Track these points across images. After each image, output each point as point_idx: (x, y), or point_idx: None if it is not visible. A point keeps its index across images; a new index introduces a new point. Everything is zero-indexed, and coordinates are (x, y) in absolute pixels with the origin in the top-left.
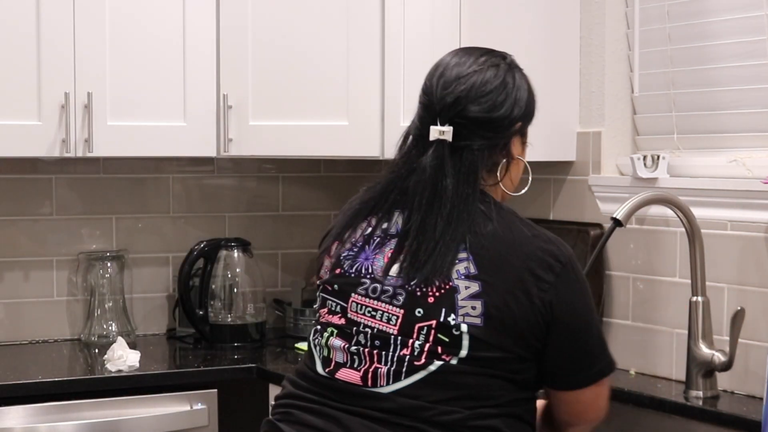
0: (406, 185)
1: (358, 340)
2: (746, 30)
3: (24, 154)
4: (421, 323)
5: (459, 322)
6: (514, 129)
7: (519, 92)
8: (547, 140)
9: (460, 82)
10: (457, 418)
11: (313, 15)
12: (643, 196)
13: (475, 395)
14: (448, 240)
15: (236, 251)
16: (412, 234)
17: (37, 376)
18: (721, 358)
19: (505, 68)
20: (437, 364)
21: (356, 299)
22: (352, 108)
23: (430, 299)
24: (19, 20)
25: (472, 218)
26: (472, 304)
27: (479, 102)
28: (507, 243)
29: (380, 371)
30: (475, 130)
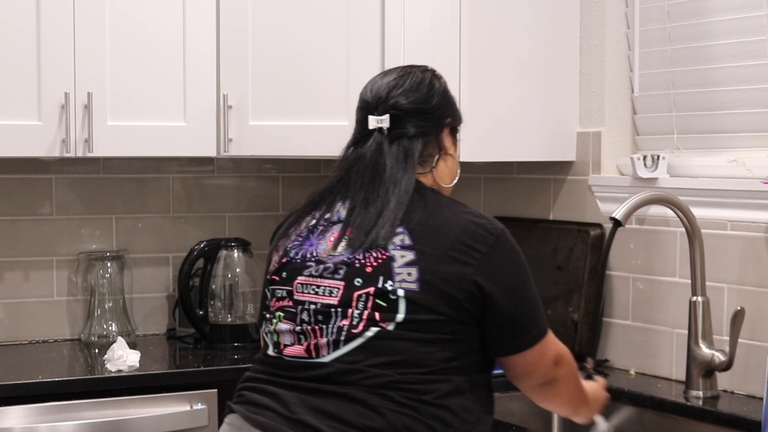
0: (349, 176)
1: (302, 319)
2: (746, 30)
3: (24, 154)
4: (359, 291)
5: (396, 287)
6: (445, 122)
7: (445, 93)
8: (547, 140)
9: (390, 84)
10: (386, 381)
11: (313, 15)
12: (642, 196)
13: (407, 361)
14: (387, 216)
15: (236, 251)
16: (354, 212)
17: (37, 376)
18: (721, 358)
19: (429, 74)
20: (374, 330)
21: (301, 281)
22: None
23: (369, 269)
24: (19, 20)
25: (409, 198)
26: (408, 270)
27: (409, 96)
28: (441, 218)
29: (321, 342)
30: (409, 119)
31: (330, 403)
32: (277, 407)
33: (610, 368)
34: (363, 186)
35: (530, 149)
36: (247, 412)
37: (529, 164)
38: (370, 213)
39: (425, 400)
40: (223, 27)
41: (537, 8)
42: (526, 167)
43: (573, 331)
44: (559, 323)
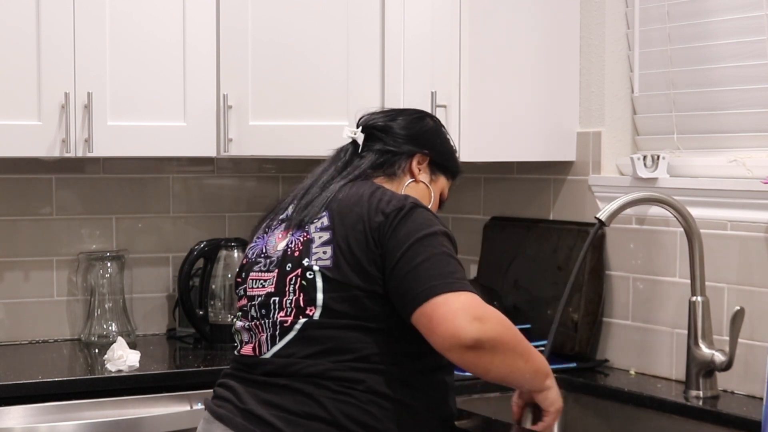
0: (308, 176)
1: (252, 315)
2: (746, 30)
3: (24, 154)
4: (290, 275)
5: (312, 264)
6: (420, 150)
7: (433, 131)
8: (547, 140)
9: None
10: (320, 369)
11: (313, 15)
12: (629, 196)
13: (336, 348)
14: (316, 202)
15: (236, 251)
16: (296, 204)
17: (37, 376)
18: (721, 358)
19: (428, 117)
20: (302, 322)
21: (252, 276)
22: (352, 108)
23: (296, 253)
24: (19, 20)
25: (342, 186)
26: (324, 249)
27: (389, 121)
28: (357, 197)
29: (262, 339)
30: (380, 137)
31: (274, 394)
32: (233, 399)
33: (610, 368)
34: (312, 182)
35: (530, 149)
36: (213, 406)
37: (529, 164)
38: (308, 197)
39: (359, 388)
40: (223, 27)
41: (537, 8)
42: (526, 167)
43: (573, 331)
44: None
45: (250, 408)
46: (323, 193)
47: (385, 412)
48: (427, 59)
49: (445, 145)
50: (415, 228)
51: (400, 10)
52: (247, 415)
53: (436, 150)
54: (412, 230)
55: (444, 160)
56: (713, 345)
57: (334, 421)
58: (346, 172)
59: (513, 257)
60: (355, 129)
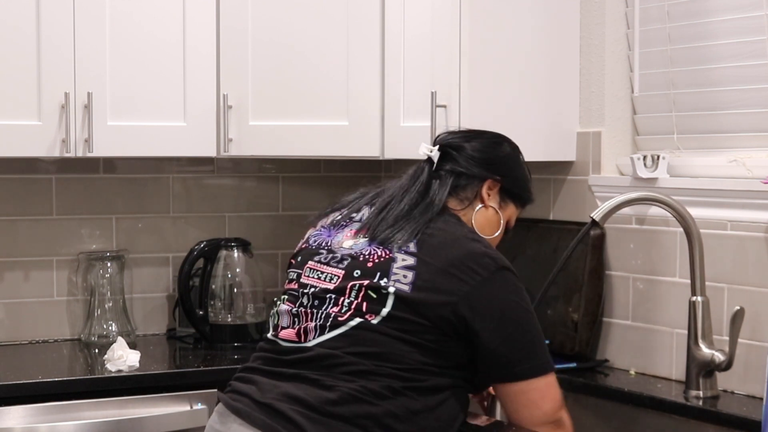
0: (385, 187)
1: (301, 302)
2: (746, 30)
3: (24, 154)
4: (355, 282)
5: (389, 285)
6: (492, 176)
7: (507, 157)
8: (547, 140)
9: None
10: (360, 369)
11: (313, 15)
12: (624, 196)
13: (384, 354)
14: (402, 224)
15: (236, 251)
16: (375, 215)
17: (37, 376)
18: (721, 357)
19: (506, 143)
20: (357, 321)
21: (311, 265)
22: (352, 108)
23: (369, 264)
24: (19, 20)
25: (428, 218)
26: (405, 273)
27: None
28: (451, 237)
29: (309, 327)
30: (454, 157)
31: (300, 388)
32: (253, 393)
33: (610, 368)
34: (392, 196)
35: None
36: (229, 400)
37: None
38: (389, 216)
39: (389, 394)
40: (223, 27)
41: (537, 8)
42: None
43: (573, 331)
44: (559, 323)
45: (268, 402)
46: (410, 219)
47: (410, 415)
48: (427, 59)
49: (518, 172)
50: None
51: (400, 10)
52: (266, 410)
53: (509, 176)
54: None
55: (516, 187)
56: (713, 345)
57: (355, 422)
58: (429, 199)
59: (513, 257)
60: (432, 147)
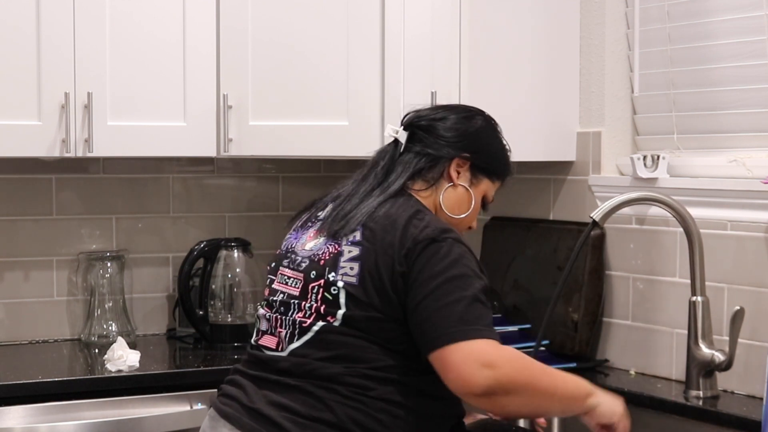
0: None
1: (273, 307)
2: (746, 30)
3: (24, 154)
4: (313, 283)
5: (337, 279)
6: (457, 153)
7: (478, 132)
8: (547, 140)
9: (432, 109)
10: (332, 373)
11: (313, 15)
12: (624, 196)
13: (351, 356)
14: (353, 214)
15: (236, 251)
16: (334, 209)
17: (37, 376)
18: (721, 357)
19: (479, 116)
20: (320, 325)
21: (282, 271)
22: (352, 108)
23: (322, 262)
24: (19, 20)
25: (377, 203)
26: (351, 265)
27: (434, 121)
28: (394, 218)
29: (282, 334)
30: (422, 137)
31: (284, 395)
32: (242, 398)
33: (610, 368)
34: (351, 186)
35: (530, 149)
36: (219, 404)
37: (529, 164)
38: (347, 207)
39: (371, 395)
40: (223, 27)
41: (537, 8)
42: (526, 167)
43: (573, 331)
44: (559, 323)
45: (257, 407)
46: (361, 207)
47: (394, 419)
48: (427, 59)
49: (492, 146)
50: (446, 266)
51: (400, 10)
52: (254, 415)
53: (481, 152)
54: (442, 267)
55: (487, 162)
56: (713, 345)
57: (342, 426)
58: (387, 183)
59: (513, 257)
60: (397, 128)
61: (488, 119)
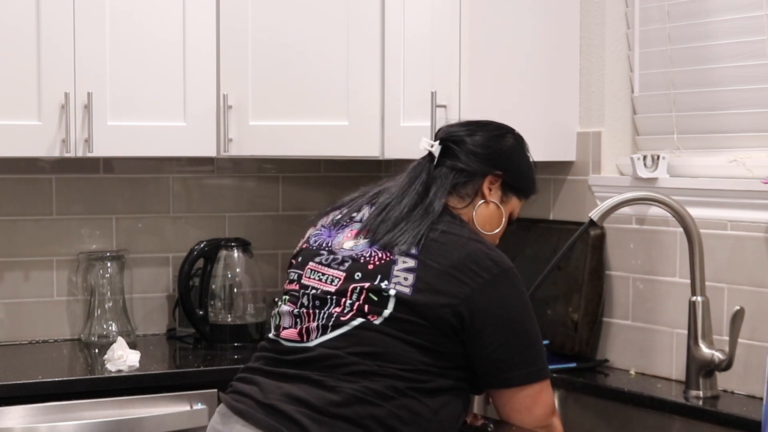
0: (385, 185)
1: (302, 303)
2: (746, 30)
3: (24, 154)
4: (356, 284)
5: (389, 287)
6: (492, 171)
7: (511, 150)
8: (547, 140)
9: (465, 125)
10: (362, 370)
11: (313, 15)
12: (622, 196)
13: (386, 354)
14: (403, 227)
15: (236, 251)
16: (375, 216)
17: (37, 376)
18: (721, 357)
19: (510, 135)
20: (360, 321)
21: (312, 266)
22: (352, 108)
23: (370, 266)
24: (19, 20)
25: (430, 221)
26: (405, 275)
27: (470, 137)
28: (453, 238)
29: (311, 326)
30: (455, 152)
31: (303, 388)
32: (256, 394)
33: (610, 368)
34: (391, 197)
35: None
36: (231, 401)
37: None
38: (389, 218)
39: (397, 394)
40: (223, 27)
41: (537, 8)
42: None
43: (573, 331)
44: (559, 323)
45: (272, 403)
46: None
47: (413, 416)
48: (427, 59)
49: (521, 165)
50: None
51: (400, 10)
52: (269, 411)
53: (511, 171)
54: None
55: (518, 181)
56: (713, 345)
57: (360, 422)
58: (428, 200)
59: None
60: (432, 141)
61: (518, 138)
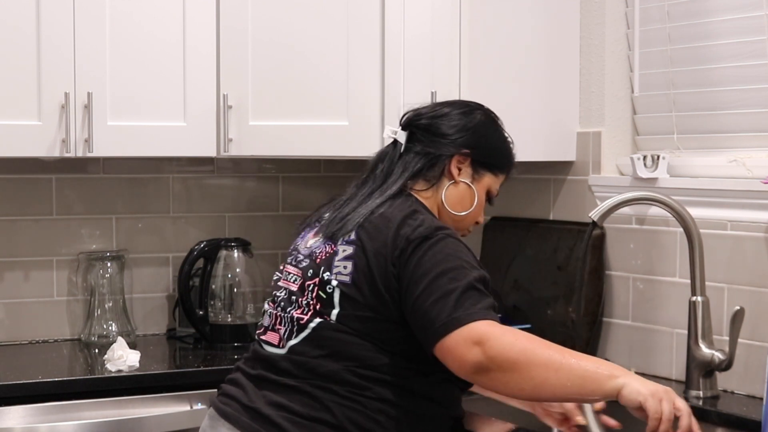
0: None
1: (277, 303)
2: (746, 30)
3: (24, 154)
4: (309, 281)
5: (331, 278)
6: (457, 150)
7: (478, 126)
8: (547, 140)
9: (430, 107)
10: (330, 370)
11: (313, 15)
12: (622, 195)
13: (345, 353)
14: (351, 218)
15: (236, 251)
16: (335, 209)
17: (37, 376)
18: (721, 357)
19: (479, 111)
20: (317, 322)
21: (286, 268)
22: (352, 108)
23: (318, 260)
24: (19, 20)
25: (376, 204)
26: (345, 264)
27: (433, 119)
28: (388, 218)
29: (281, 331)
30: (421, 137)
31: (283, 395)
32: (241, 398)
33: None
34: (354, 188)
35: (530, 149)
36: (219, 403)
37: (529, 164)
38: (345, 210)
39: (367, 395)
40: (223, 27)
41: (537, 8)
42: (526, 167)
43: (573, 331)
44: (558, 323)
45: (257, 407)
46: (359, 209)
47: (391, 421)
48: (427, 59)
49: (492, 140)
50: (438, 260)
51: (400, 10)
52: (253, 415)
53: (481, 147)
54: (435, 263)
55: (488, 157)
56: (713, 345)
57: (340, 426)
58: (386, 185)
59: (513, 257)
60: (396, 129)
61: (487, 112)
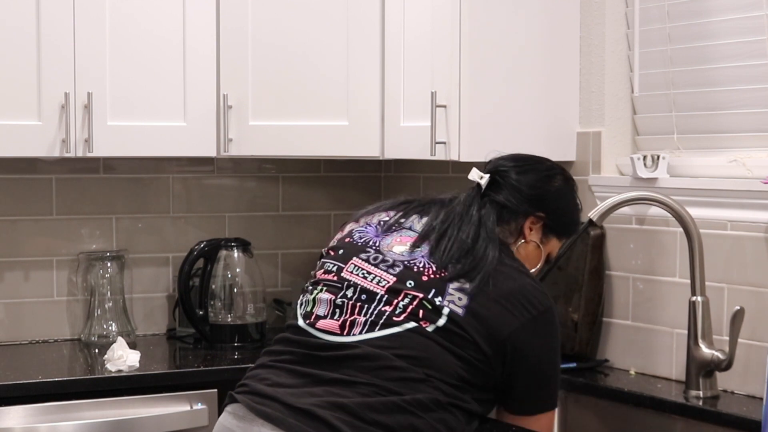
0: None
1: (345, 294)
2: (746, 30)
3: (24, 154)
4: (408, 291)
5: (444, 304)
6: (533, 211)
7: (558, 192)
8: (547, 140)
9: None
10: (409, 376)
11: (313, 15)
12: (621, 196)
13: (433, 362)
14: (472, 263)
15: (236, 251)
16: (435, 232)
17: (37, 376)
18: (721, 357)
19: (559, 175)
20: (413, 324)
21: (355, 262)
22: (352, 108)
23: (424, 278)
24: (19, 20)
25: (485, 244)
26: (460, 295)
27: (519, 174)
28: (507, 268)
29: (358, 320)
30: (502, 188)
31: (341, 392)
32: (284, 396)
33: (610, 368)
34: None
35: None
36: (252, 402)
37: None
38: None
39: (437, 407)
40: (223, 27)
41: (537, 8)
42: None
43: (573, 331)
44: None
45: (307, 408)
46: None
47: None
48: (427, 59)
49: (566, 208)
50: (549, 336)
51: (400, 10)
52: (303, 415)
53: (555, 214)
54: (546, 339)
55: (560, 223)
56: (713, 345)
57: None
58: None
59: None
60: (482, 173)
61: (567, 179)
